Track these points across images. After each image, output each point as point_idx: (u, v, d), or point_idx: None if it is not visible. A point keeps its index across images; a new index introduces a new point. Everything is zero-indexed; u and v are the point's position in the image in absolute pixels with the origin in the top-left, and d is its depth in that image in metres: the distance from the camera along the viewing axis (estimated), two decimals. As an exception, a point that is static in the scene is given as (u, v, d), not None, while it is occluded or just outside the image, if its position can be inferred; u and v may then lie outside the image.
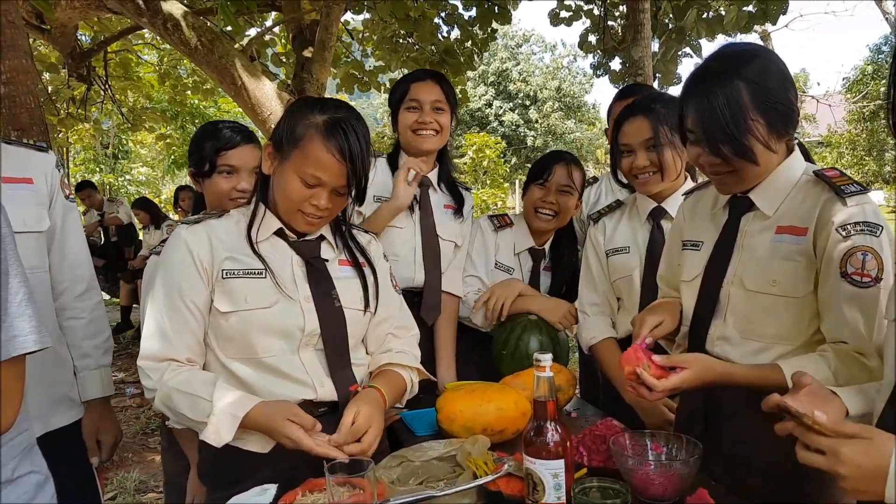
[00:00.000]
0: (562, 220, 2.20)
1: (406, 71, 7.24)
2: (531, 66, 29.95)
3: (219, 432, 1.31)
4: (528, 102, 29.08)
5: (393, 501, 1.22)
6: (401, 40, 6.61)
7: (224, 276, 1.40)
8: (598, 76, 7.67)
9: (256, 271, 1.42)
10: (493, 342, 2.07)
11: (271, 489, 1.07)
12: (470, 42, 6.69)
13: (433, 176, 2.20)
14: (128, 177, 19.05)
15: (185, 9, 4.49)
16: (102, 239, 7.65)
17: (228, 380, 1.41)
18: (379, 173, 2.13)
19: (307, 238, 1.51)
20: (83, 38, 6.70)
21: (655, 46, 6.75)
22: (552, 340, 2.00)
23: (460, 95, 8.21)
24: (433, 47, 6.41)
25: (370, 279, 1.56)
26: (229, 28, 5.97)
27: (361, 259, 1.57)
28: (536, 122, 28.17)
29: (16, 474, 1.22)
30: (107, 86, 6.91)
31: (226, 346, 1.43)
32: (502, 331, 2.04)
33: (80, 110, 7.36)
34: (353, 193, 1.44)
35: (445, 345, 2.16)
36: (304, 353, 1.45)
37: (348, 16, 6.57)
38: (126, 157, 18.88)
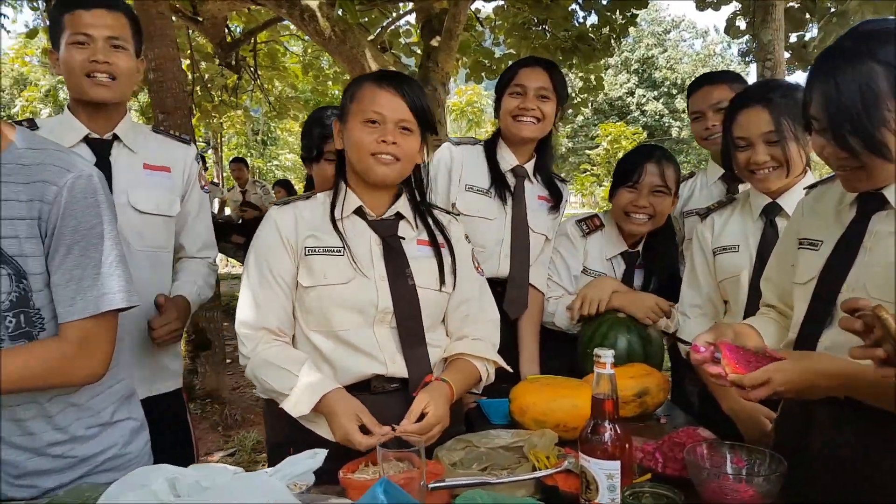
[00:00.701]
0: (657, 221, 2.06)
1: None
2: (679, 53, 28.49)
3: (297, 404, 1.38)
4: (674, 91, 27.73)
5: (449, 482, 1.23)
6: (532, 27, 6.54)
7: (306, 252, 1.49)
8: (747, 63, 7.15)
9: (335, 249, 1.49)
10: (577, 339, 2.00)
11: (321, 453, 1.11)
12: (607, 28, 6.44)
13: (530, 167, 2.15)
14: (275, 162, 20.46)
15: (321, 0, 4.71)
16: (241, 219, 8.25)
17: (310, 352, 1.49)
18: (475, 161, 2.11)
19: (385, 217, 1.55)
20: (236, 28, 7.24)
21: (814, 31, 6.17)
22: (643, 340, 1.89)
23: (594, 83, 8.01)
24: (565, 33, 6.26)
25: (447, 259, 1.57)
26: (366, 19, 6.22)
27: (441, 239, 1.59)
28: (683, 111, 26.83)
29: (115, 418, 1.36)
30: (256, 75, 7.44)
31: (307, 318, 1.51)
32: (588, 328, 1.96)
33: (231, 98, 7.98)
34: (420, 131, 1.49)
35: (529, 339, 2.11)
36: (379, 329, 1.49)
37: (478, 3, 6.59)
38: (274, 144, 20.25)
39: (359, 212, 1.54)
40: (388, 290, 1.48)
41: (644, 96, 27.48)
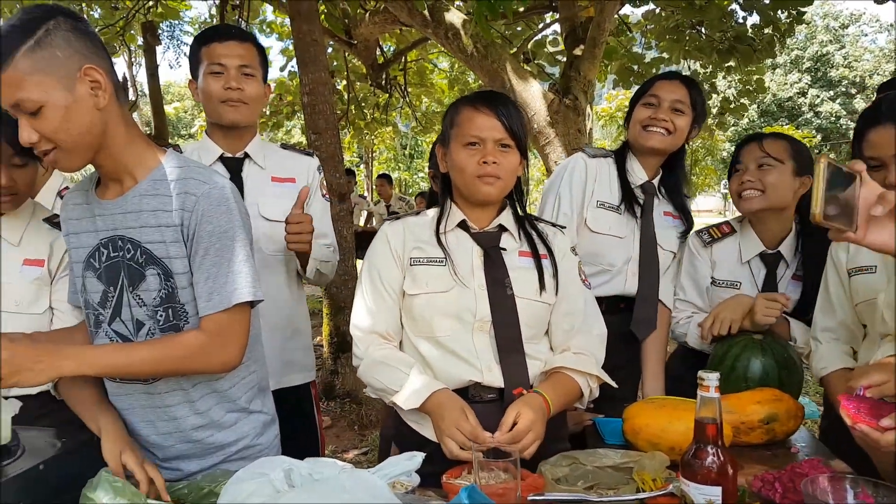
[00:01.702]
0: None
1: (689, 61, 6.87)
2: (859, 50, 25.77)
3: (407, 399, 1.46)
4: (853, 90, 25.12)
5: (548, 496, 1.24)
6: (686, 29, 6.27)
7: (411, 263, 1.58)
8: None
9: (438, 259, 1.57)
10: (708, 359, 1.89)
11: (419, 456, 1.16)
12: (770, 27, 6.01)
13: (658, 181, 2.08)
14: (420, 174, 21.18)
15: (465, 17, 4.85)
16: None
17: (416, 358, 1.56)
18: (607, 175, 2.07)
19: (487, 229, 1.61)
20: (388, 48, 7.64)
21: None
22: (779, 365, 1.75)
23: (755, 85, 7.50)
24: (721, 34, 5.93)
25: (548, 269, 1.59)
26: (509, 32, 6.30)
27: (542, 250, 1.61)
28: (864, 113, 24.14)
29: (250, 408, 1.52)
30: (405, 92, 7.79)
31: (412, 325, 1.59)
32: (719, 348, 1.85)
33: (382, 115, 8.43)
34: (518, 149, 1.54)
35: (653, 357, 2.04)
36: (477, 337, 1.53)
37: (627, 9, 6.41)
38: (420, 157, 20.97)
39: (462, 225, 1.61)
40: (486, 299, 1.53)
41: (818, 97, 25.13)
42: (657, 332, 2.05)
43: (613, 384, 1.61)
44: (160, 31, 7.06)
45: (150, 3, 5.88)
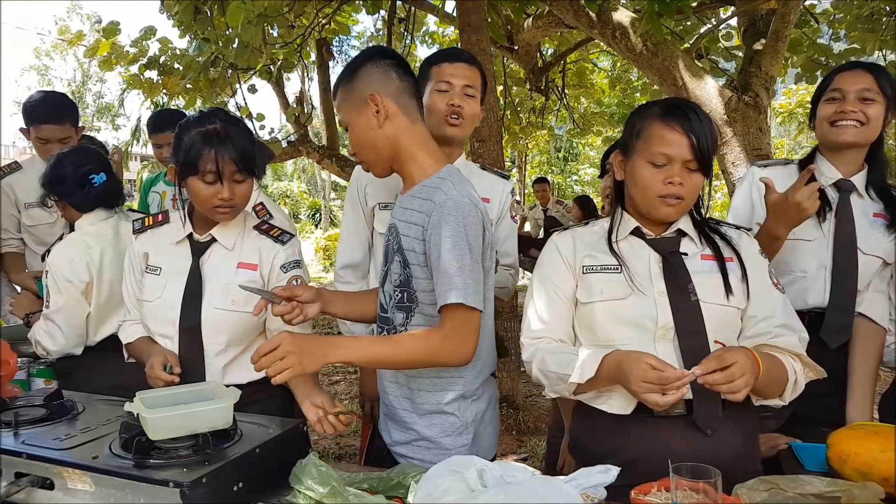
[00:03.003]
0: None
1: (885, 52, 6.15)
2: None
3: (582, 371, 1.43)
4: None
5: (749, 523, 1.17)
6: (882, 17, 5.64)
7: (584, 271, 1.57)
8: None
9: (612, 267, 1.54)
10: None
11: (614, 470, 1.15)
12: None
13: (858, 180, 1.91)
14: (574, 177, 20.80)
15: (633, 16, 4.71)
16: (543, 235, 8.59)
17: None
18: (787, 183, 1.90)
19: (665, 235, 1.55)
20: (547, 51, 7.61)
21: None
22: None
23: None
24: (924, 19, 5.27)
25: (736, 272, 1.51)
26: (681, 27, 6.01)
27: (727, 253, 1.53)
28: None
29: (445, 409, 1.60)
30: (563, 94, 7.71)
31: (587, 334, 1.57)
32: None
33: (538, 118, 8.39)
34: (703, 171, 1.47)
35: (861, 379, 1.83)
36: (660, 346, 1.48)
37: (812, -1, 5.89)
38: (574, 160, 20.59)
39: (636, 232, 1.57)
40: (667, 306, 1.48)
41: None
42: (869, 352, 1.85)
43: (823, 373, 1.50)
44: (332, 47, 7.54)
45: (324, 20, 6.28)
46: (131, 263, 1.91)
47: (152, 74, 5.76)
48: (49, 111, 2.77)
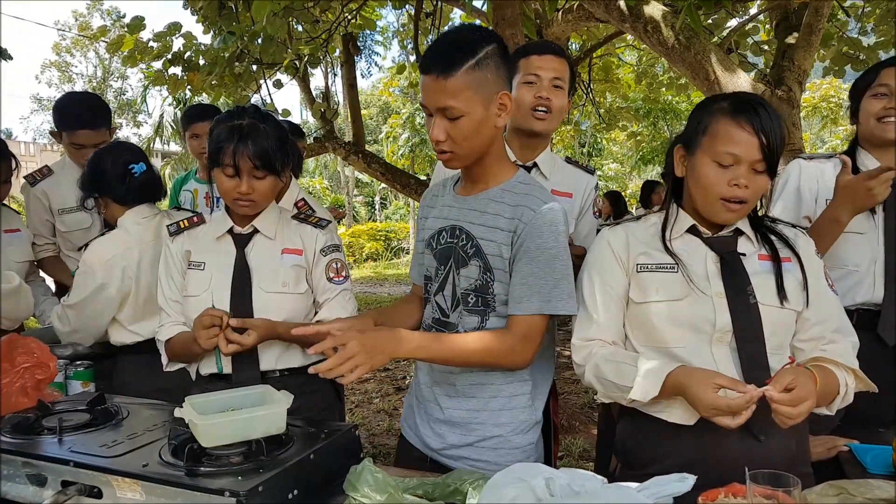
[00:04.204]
0: None
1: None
2: None
3: (644, 389, 1.39)
4: None
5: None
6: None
7: (638, 269, 1.51)
8: None
9: (668, 266, 1.48)
10: None
11: (690, 479, 1.10)
12: None
13: None
14: (598, 172, 20.65)
15: (665, 9, 4.62)
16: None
17: None
18: (831, 175, 1.92)
19: (722, 234, 1.49)
20: (572, 46, 7.50)
21: None
22: None
23: None
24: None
25: (795, 273, 1.46)
26: (710, 21, 5.90)
27: (785, 254, 1.47)
28: None
29: (516, 404, 1.58)
30: (589, 89, 7.61)
31: (640, 334, 1.52)
32: None
33: (565, 114, 8.28)
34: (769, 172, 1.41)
35: None
36: (717, 349, 1.42)
37: (843, -9, 5.75)
38: (599, 155, 20.44)
39: (693, 230, 1.51)
40: (726, 308, 1.42)
41: None
42: None
43: (874, 387, 1.46)
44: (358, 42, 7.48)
45: (349, 16, 6.24)
46: (167, 266, 1.90)
47: (177, 70, 5.73)
48: (84, 116, 2.70)
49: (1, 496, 1.34)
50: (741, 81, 4.54)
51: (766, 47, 6.42)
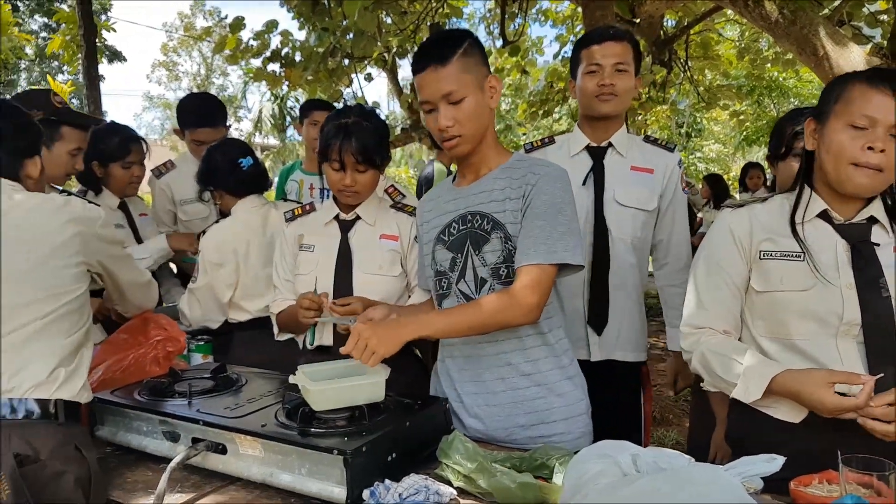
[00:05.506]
0: None
1: None
2: None
3: (748, 390, 1.39)
4: None
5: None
6: None
7: (761, 256, 1.46)
8: None
9: (794, 254, 1.43)
10: None
11: (779, 459, 1.10)
12: None
13: None
14: (698, 154, 19.72)
15: (767, -19, 4.39)
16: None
17: None
18: None
19: (855, 221, 1.42)
20: (668, 23, 7.25)
21: None
22: None
23: None
24: None
25: None
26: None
27: None
28: None
29: (570, 373, 1.67)
30: (686, 67, 7.34)
31: (758, 323, 1.49)
32: None
33: (659, 93, 8.03)
34: None
35: None
36: (842, 343, 1.38)
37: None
38: (698, 135, 19.52)
39: (823, 215, 1.44)
40: (855, 300, 1.36)
41: None
42: None
43: None
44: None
45: (437, 4, 6.29)
46: (281, 248, 2.11)
47: (275, 67, 5.99)
48: (204, 116, 2.98)
49: (140, 449, 1.53)
50: (854, 56, 4.26)
51: (884, 17, 5.96)
